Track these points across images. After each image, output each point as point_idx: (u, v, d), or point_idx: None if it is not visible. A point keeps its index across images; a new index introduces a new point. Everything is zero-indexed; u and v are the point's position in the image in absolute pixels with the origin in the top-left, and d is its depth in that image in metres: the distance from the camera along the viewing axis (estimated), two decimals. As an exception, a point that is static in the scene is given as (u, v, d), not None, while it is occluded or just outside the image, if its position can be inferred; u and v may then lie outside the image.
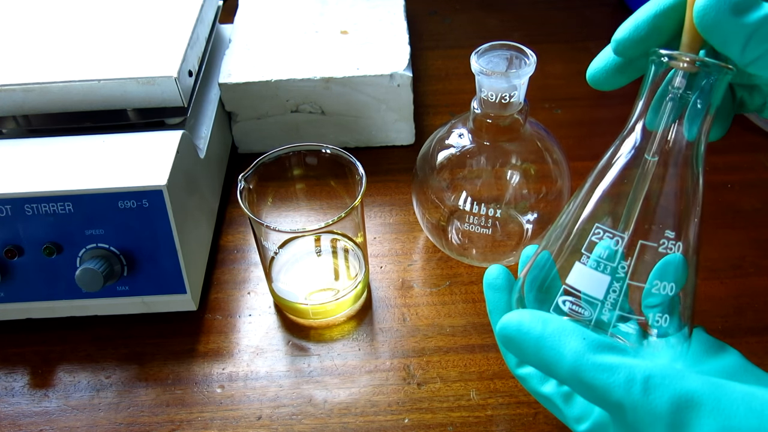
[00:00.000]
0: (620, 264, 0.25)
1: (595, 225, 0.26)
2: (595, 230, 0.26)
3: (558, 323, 0.25)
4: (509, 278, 0.30)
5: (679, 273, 0.26)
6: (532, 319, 0.25)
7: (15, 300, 0.42)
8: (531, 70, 0.38)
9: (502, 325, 0.26)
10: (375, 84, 0.52)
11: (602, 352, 0.24)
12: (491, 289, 0.30)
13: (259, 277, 0.47)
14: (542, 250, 0.28)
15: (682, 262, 0.26)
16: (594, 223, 0.26)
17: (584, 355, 0.24)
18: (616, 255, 0.25)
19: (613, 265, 0.25)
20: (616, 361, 0.23)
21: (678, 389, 0.22)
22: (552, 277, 0.27)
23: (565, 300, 0.26)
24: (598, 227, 0.26)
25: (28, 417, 0.40)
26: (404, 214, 0.51)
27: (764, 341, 0.42)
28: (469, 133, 0.43)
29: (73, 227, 0.40)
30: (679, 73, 0.25)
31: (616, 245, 0.26)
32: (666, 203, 0.26)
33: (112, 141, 0.42)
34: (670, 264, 0.26)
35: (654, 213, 0.26)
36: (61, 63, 0.45)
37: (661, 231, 0.25)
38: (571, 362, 0.24)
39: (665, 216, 0.26)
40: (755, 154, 0.55)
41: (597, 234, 0.26)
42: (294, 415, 0.39)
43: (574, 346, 0.24)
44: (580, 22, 0.72)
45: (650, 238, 0.26)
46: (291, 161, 0.43)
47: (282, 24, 0.58)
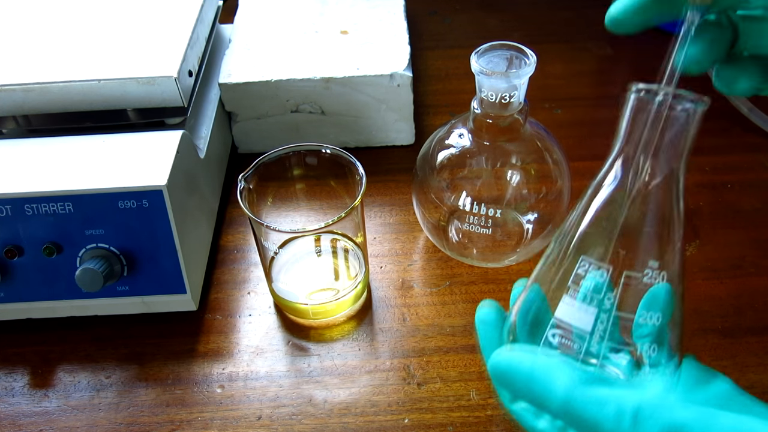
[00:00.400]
0: (606, 296, 0.26)
1: (581, 257, 0.27)
2: (581, 263, 0.27)
3: (547, 358, 0.25)
4: (500, 313, 0.30)
5: (666, 303, 0.26)
6: (522, 355, 0.26)
7: (15, 300, 0.42)
8: (531, 70, 0.38)
9: (493, 361, 0.26)
10: (375, 84, 0.52)
11: (592, 385, 0.24)
12: (483, 324, 0.30)
13: (259, 277, 0.47)
14: (532, 283, 0.28)
15: (668, 291, 0.26)
16: (579, 256, 0.27)
17: (574, 389, 0.24)
18: (602, 287, 0.26)
19: (599, 297, 0.26)
20: (605, 393, 0.24)
21: (668, 420, 0.22)
22: (542, 310, 0.27)
23: (555, 333, 0.26)
24: (583, 260, 0.27)
25: (28, 417, 0.40)
26: (404, 214, 0.51)
27: (764, 341, 0.42)
28: (469, 133, 0.43)
29: (73, 227, 0.40)
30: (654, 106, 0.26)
31: (602, 277, 0.26)
32: (648, 233, 0.26)
33: (112, 141, 0.42)
34: (658, 295, 0.26)
35: (637, 244, 0.26)
36: (61, 63, 0.45)
37: (645, 261, 0.26)
38: (561, 396, 0.24)
39: (648, 246, 0.26)
40: (755, 154, 0.55)
41: (583, 266, 0.26)
42: (294, 415, 0.39)
43: (563, 380, 0.24)
44: (580, 22, 0.72)
45: (634, 269, 0.26)
46: (291, 161, 0.43)
47: (282, 24, 0.58)
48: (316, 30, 0.57)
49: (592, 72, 0.66)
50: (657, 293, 0.26)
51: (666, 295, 0.26)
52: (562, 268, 0.27)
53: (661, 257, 0.26)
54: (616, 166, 0.27)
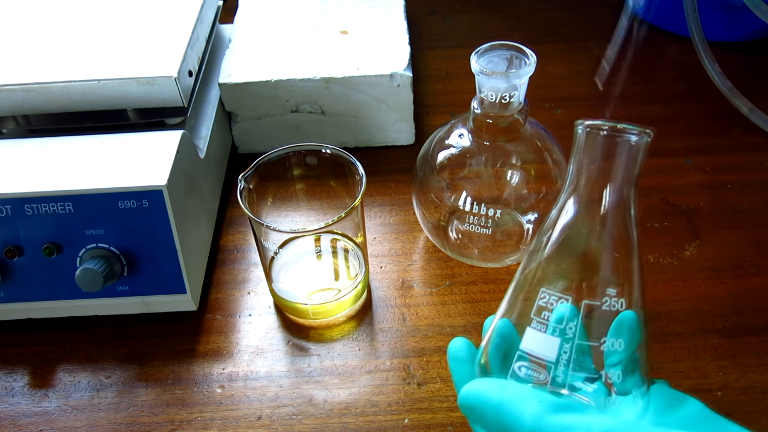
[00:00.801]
0: (568, 325, 0.27)
1: (541, 289, 0.27)
2: (542, 294, 0.27)
3: (515, 388, 0.26)
4: (471, 349, 0.30)
5: (632, 330, 0.27)
6: (491, 387, 0.26)
7: (15, 300, 0.42)
8: (531, 70, 0.38)
9: (463, 394, 0.27)
10: (375, 84, 0.52)
11: (559, 412, 0.24)
12: (455, 361, 0.30)
13: (259, 277, 0.47)
14: (501, 318, 0.29)
15: (632, 318, 0.27)
16: (540, 288, 0.28)
17: (542, 418, 0.24)
18: (564, 317, 0.27)
19: (561, 327, 0.27)
20: (573, 420, 0.24)
21: None
22: (512, 342, 0.28)
23: (521, 365, 0.27)
24: (544, 291, 0.27)
25: (28, 417, 0.40)
26: (404, 214, 0.51)
27: (764, 341, 0.42)
28: (469, 133, 0.43)
29: (73, 227, 0.40)
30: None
31: (563, 308, 0.27)
32: (604, 262, 0.27)
33: (112, 141, 0.42)
34: (622, 322, 0.27)
35: (594, 273, 0.27)
36: (61, 63, 0.45)
37: (603, 289, 0.27)
38: (530, 425, 0.24)
39: (605, 275, 0.27)
40: (755, 154, 0.55)
41: (543, 298, 0.27)
42: (294, 415, 0.39)
43: (531, 409, 0.24)
44: (580, 22, 0.72)
45: (593, 298, 0.27)
46: (291, 161, 0.43)
47: (282, 24, 0.58)
48: (316, 30, 0.57)
49: (592, 72, 0.66)
50: (622, 321, 0.27)
51: (630, 322, 0.27)
52: (526, 299, 0.28)
53: (619, 284, 0.27)
54: (570, 198, 0.28)
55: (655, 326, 0.43)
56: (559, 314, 0.27)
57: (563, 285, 0.27)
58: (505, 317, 0.29)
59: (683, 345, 0.42)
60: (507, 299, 0.29)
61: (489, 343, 0.29)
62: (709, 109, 0.60)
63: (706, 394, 0.39)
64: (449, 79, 0.65)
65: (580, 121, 0.27)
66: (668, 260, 0.47)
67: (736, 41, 0.67)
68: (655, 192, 0.52)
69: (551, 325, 0.27)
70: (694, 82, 0.63)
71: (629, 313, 0.27)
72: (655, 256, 0.47)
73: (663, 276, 0.46)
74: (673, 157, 0.55)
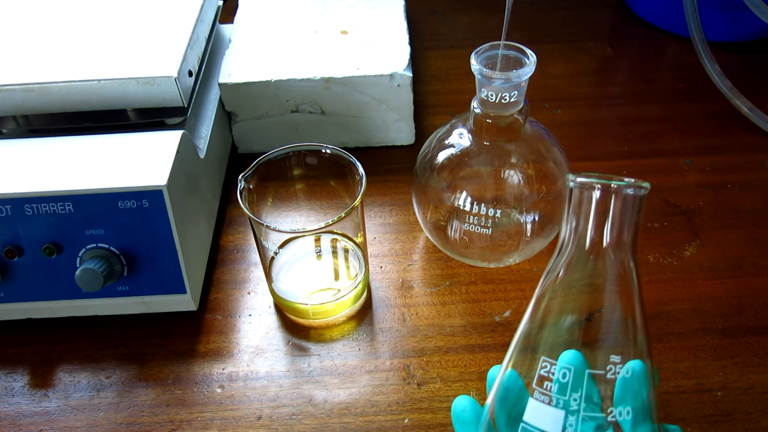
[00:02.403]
0: (572, 396, 0.26)
1: (542, 358, 0.26)
2: (542, 363, 0.26)
3: None
4: (475, 408, 0.30)
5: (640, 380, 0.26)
6: None
7: (15, 300, 0.42)
8: (531, 70, 0.38)
9: None
10: (375, 84, 0.52)
11: None
12: (460, 423, 0.30)
13: (259, 277, 0.47)
14: (507, 369, 0.28)
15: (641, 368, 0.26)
16: (540, 357, 0.27)
17: None
18: (567, 387, 0.26)
19: (565, 399, 0.26)
20: None
21: None
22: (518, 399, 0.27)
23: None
24: (545, 360, 0.26)
25: (28, 417, 0.40)
26: (404, 214, 0.51)
27: (764, 341, 0.42)
28: (469, 133, 0.43)
29: (73, 227, 0.40)
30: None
31: (564, 378, 0.26)
32: (608, 328, 0.26)
33: (112, 141, 0.42)
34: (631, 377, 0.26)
35: (597, 340, 0.26)
36: (61, 63, 0.45)
37: (607, 358, 0.26)
38: None
39: (609, 342, 0.26)
40: (755, 154, 0.55)
41: (545, 367, 0.26)
42: (294, 415, 0.39)
43: None
44: (580, 22, 0.72)
45: (597, 367, 0.26)
46: (291, 161, 0.43)
47: (282, 24, 0.58)
48: (316, 30, 0.57)
49: (592, 72, 0.66)
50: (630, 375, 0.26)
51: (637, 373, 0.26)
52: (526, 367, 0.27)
53: (624, 351, 0.26)
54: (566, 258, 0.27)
55: (655, 326, 0.43)
56: (563, 383, 0.26)
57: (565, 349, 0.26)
58: (512, 368, 0.28)
59: (683, 345, 0.42)
60: (512, 350, 0.28)
61: (494, 400, 0.28)
62: (709, 109, 0.60)
63: (706, 394, 0.39)
64: (449, 79, 0.65)
65: (573, 175, 0.26)
66: (668, 260, 0.47)
67: (736, 41, 0.67)
68: (655, 192, 0.52)
69: (554, 397, 0.26)
70: (694, 82, 0.63)
71: (636, 364, 0.26)
72: (655, 256, 0.47)
73: (663, 276, 0.46)
74: (673, 157, 0.55)
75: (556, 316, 0.27)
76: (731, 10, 0.64)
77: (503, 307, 0.44)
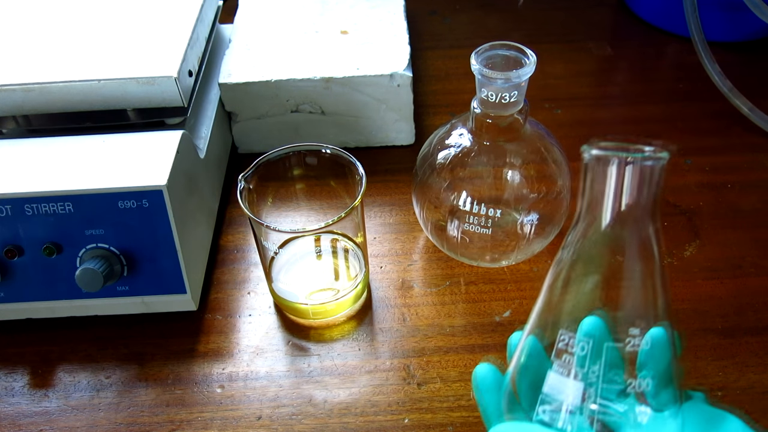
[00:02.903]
0: (591, 368, 0.26)
1: (560, 331, 0.26)
2: (561, 336, 0.26)
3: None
4: (497, 376, 0.30)
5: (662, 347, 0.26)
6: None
7: (15, 300, 0.42)
8: (531, 70, 0.38)
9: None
10: (375, 84, 0.52)
11: None
12: (481, 390, 0.30)
13: (259, 277, 0.47)
14: (529, 335, 0.28)
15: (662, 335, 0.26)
16: (558, 330, 0.26)
17: None
18: (586, 359, 0.26)
19: (584, 371, 0.26)
20: None
21: None
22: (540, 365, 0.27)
23: (545, 409, 0.26)
24: (563, 333, 0.26)
25: (28, 417, 0.40)
26: (404, 214, 0.51)
27: (764, 341, 0.42)
28: (469, 133, 0.43)
29: (73, 227, 0.40)
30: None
31: (583, 350, 0.26)
32: (627, 299, 0.26)
33: (112, 141, 0.42)
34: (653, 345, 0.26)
35: (616, 311, 0.26)
36: (61, 63, 0.45)
37: (626, 329, 0.26)
38: None
39: (629, 313, 0.26)
40: (755, 154, 0.55)
41: (563, 340, 0.26)
42: (294, 415, 0.39)
43: None
44: (580, 22, 0.72)
45: (616, 338, 0.26)
46: (291, 161, 0.43)
47: (282, 24, 0.58)
48: (316, 30, 0.57)
49: (592, 72, 0.66)
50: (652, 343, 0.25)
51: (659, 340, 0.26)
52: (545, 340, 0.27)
53: (644, 320, 0.26)
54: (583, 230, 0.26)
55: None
56: (582, 355, 0.26)
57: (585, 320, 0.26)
58: (534, 334, 0.28)
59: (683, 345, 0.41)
60: (535, 314, 0.28)
61: (516, 368, 0.28)
62: (709, 109, 0.60)
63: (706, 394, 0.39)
64: (449, 79, 0.65)
65: (588, 146, 0.25)
66: (668, 260, 0.47)
67: (736, 41, 0.67)
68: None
69: (573, 369, 0.26)
70: (694, 82, 0.63)
71: (658, 331, 0.25)
72: (655, 256, 0.47)
73: (663, 276, 0.46)
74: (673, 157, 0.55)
75: (575, 287, 0.26)
76: (731, 10, 0.64)
77: (503, 307, 0.44)
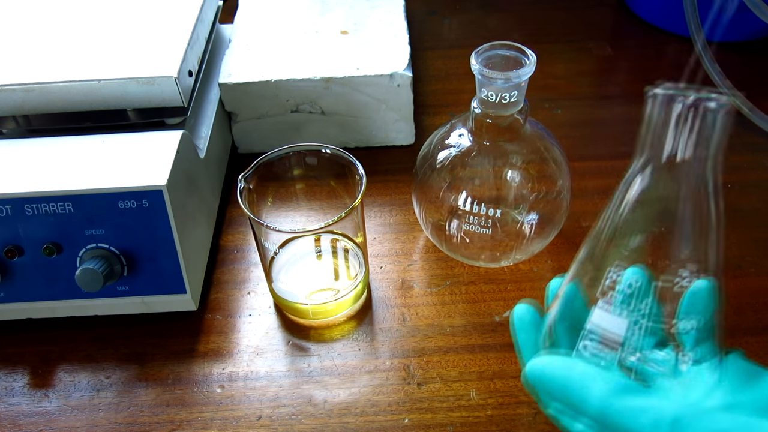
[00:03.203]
0: (643, 301, 0.26)
1: (609, 269, 0.26)
2: (614, 268, 0.26)
3: (582, 368, 0.25)
4: (537, 315, 0.30)
5: (706, 299, 0.26)
6: (556, 365, 0.26)
7: (15, 300, 0.42)
8: (531, 70, 0.38)
9: (528, 370, 0.27)
10: (375, 84, 0.52)
11: (627, 395, 0.24)
12: (520, 328, 0.30)
13: (259, 277, 0.47)
14: (569, 282, 0.28)
15: (708, 289, 0.26)
16: (612, 261, 0.26)
17: (609, 399, 0.24)
18: (637, 293, 0.26)
19: (634, 304, 0.26)
20: (641, 403, 0.24)
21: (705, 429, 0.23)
22: (580, 312, 0.27)
23: (587, 344, 0.26)
24: (611, 271, 0.26)
25: (28, 417, 0.40)
26: (404, 214, 0.51)
27: (764, 341, 0.42)
28: (469, 133, 0.43)
29: (73, 227, 0.40)
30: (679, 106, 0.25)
31: (636, 283, 0.26)
32: (682, 237, 0.26)
33: (112, 141, 0.42)
34: (698, 293, 0.26)
35: (670, 248, 0.26)
36: (61, 63, 0.45)
37: (679, 265, 0.26)
38: (596, 406, 0.24)
39: (682, 250, 0.26)
40: (755, 154, 0.55)
41: (615, 272, 0.26)
42: (294, 415, 0.39)
43: (598, 389, 0.24)
44: (580, 22, 0.72)
45: (669, 273, 0.26)
46: (291, 161, 0.43)
47: (282, 24, 0.58)
48: (316, 30, 0.57)
49: (592, 72, 0.66)
50: (697, 291, 0.26)
51: (704, 292, 0.26)
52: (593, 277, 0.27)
53: (697, 260, 0.26)
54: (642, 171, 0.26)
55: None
56: (628, 293, 0.26)
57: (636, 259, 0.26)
58: (574, 282, 0.28)
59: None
60: (578, 262, 0.28)
61: (556, 312, 0.28)
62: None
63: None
64: (449, 79, 0.65)
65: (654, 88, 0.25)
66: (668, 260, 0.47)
67: (736, 41, 0.67)
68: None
69: (620, 305, 0.26)
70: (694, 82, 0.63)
71: (704, 283, 0.25)
72: (655, 256, 0.47)
73: (663, 276, 0.46)
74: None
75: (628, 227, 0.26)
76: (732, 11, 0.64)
77: (503, 307, 0.44)
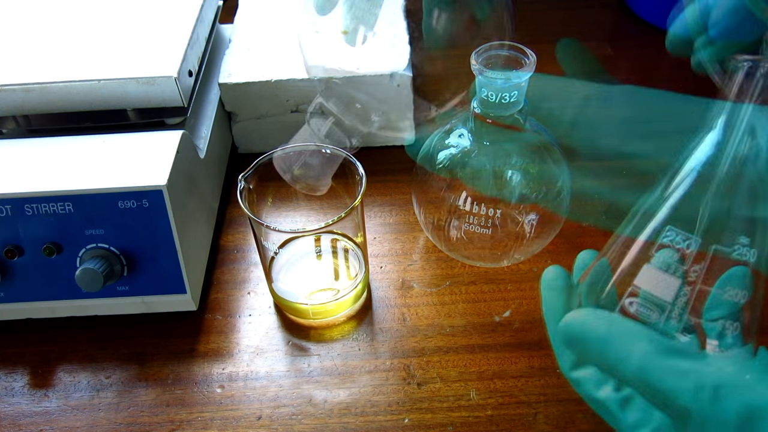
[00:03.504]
0: (692, 268, 0.25)
1: (668, 227, 0.26)
2: (668, 233, 0.26)
3: (624, 324, 0.25)
4: (568, 280, 0.29)
5: (746, 284, 0.25)
6: (597, 319, 0.25)
7: (15, 300, 0.42)
8: (531, 70, 0.38)
9: (566, 323, 0.26)
10: (375, 84, 0.52)
11: (671, 356, 0.23)
12: (550, 289, 0.29)
13: (259, 277, 0.47)
14: (603, 256, 0.28)
15: (747, 274, 0.25)
16: (666, 226, 0.26)
17: (652, 358, 0.23)
18: (688, 258, 0.25)
19: (684, 269, 0.25)
20: (685, 366, 0.23)
21: (748, 400, 0.22)
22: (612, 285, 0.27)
23: (632, 301, 0.26)
24: (670, 229, 0.26)
25: (28, 417, 0.40)
26: (404, 214, 0.51)
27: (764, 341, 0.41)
28: (469, 133, 0.43)
29: (73, 227, 0.40)
30: None
31: (689, 248, 0.25)
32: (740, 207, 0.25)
33: (112, 141, 0.42)
34: (736, 275, 0.25)
35: (729, 217, 0.25)
36: (61, 63, 0.45)
37: (735, 236, 0.25)
38: (637, 364, 0.24)
39: (741, 221, 0.25)
40: None
41: (668, 236, 0.26)
42: (294, 415, 0.39)
43: (641, 347, 0.24)
44: (580, 22, 0.72)
45: (724, 243, 0.25)
46: (291, 161, 0.43)
47: (282, 24, 0.58)
48: (316, 30, 0.57)
49: (592, 72, 0.66)
50: (736, 274, 0.25)
51: (746, 277, 0.25)
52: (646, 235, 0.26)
53: (754, 234, 0.25)
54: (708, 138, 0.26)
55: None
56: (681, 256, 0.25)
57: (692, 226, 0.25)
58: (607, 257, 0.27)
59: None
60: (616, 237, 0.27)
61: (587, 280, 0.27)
62: (709, 109, 0.60)
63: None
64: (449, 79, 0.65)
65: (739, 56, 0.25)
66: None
67: (736, 41, 0.67)
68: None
69: (673, 265, 0.25)
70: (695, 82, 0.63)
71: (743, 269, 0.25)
72: (655, 256, 0.47)
73: (663, 276, 0.46)
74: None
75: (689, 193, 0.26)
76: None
77: (503, 307, 0.44)
